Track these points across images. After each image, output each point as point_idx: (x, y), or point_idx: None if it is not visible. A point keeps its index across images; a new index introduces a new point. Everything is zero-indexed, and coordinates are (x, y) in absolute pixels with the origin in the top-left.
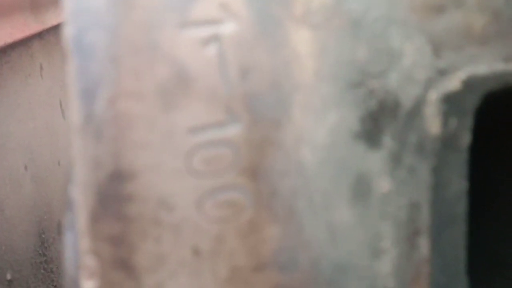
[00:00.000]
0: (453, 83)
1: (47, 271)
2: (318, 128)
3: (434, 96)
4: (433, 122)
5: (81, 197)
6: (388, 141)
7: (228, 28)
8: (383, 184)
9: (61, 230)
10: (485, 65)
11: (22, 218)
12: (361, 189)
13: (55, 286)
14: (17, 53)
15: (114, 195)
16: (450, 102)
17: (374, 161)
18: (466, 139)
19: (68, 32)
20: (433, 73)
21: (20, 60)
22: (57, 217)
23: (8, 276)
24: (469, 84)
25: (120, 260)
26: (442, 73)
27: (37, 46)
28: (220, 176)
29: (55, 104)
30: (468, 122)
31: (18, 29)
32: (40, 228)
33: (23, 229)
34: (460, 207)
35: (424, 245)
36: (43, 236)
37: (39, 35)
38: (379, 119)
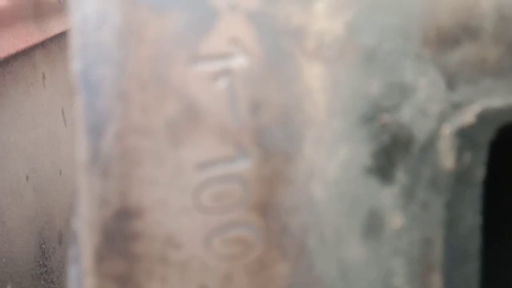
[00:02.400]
0: (467, 116)
1: (47, 282)
2: (329, 164)
3: (448, 130)
4: (447, 157)
5: (86, 235)
6: (401, 176)
7: (238, 63)
8: (396, 220)
9: (62, 240)
10: (499, 98)
11: (23, 229)
12: (373, 225)
13: None
14: (19, 62)
15: (120, 233)
16: (464, 136)
17: (387, 197)
18: (480, 173)
19: (75, 67)
20: (447, 107)
21: (23, 70)
22: (58, 227)
23: None
24: (484, 117)
25: None
26: (456, 106)
27: (39, 55)
28: (229, 212)
29: (57, 113)
30: (483, 156)
31: (21, 39)
32: (41, 238)
33: (24, 240)
34: (474, 243)
35: (437, 282)
36: (44, 246)
37: (42, 45)
38: (391, 154)
